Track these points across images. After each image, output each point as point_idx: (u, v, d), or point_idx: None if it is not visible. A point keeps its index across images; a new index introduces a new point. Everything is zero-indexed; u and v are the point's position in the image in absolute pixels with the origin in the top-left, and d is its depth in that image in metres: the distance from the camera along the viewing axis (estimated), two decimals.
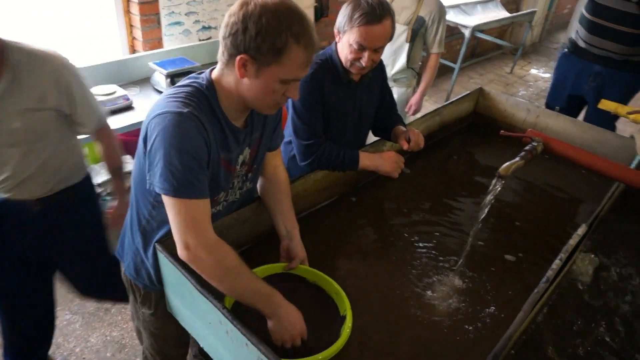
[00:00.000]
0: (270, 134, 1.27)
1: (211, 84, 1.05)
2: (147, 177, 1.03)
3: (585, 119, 2.69)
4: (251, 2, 0.95)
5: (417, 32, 2.57)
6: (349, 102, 1.59)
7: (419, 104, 2.78)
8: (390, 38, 1.46)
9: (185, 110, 0.97)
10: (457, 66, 4.76)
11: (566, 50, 2.75)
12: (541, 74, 5.94)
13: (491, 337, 1.18)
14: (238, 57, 0.96)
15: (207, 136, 1.01)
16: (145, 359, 1.47)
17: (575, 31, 2.68)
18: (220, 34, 1.00)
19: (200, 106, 1.02)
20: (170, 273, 1.16)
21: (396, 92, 2.71)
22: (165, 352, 1.42)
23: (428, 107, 2.58)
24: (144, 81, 2.56)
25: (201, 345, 1.21)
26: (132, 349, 2.09)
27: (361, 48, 1.41)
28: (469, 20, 4.77)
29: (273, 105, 1.07)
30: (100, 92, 2.21)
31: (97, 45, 2.76)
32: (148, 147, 1.00)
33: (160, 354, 1.42)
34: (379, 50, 1.45)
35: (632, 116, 1.80)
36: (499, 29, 6.07)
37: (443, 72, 5.16)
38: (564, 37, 2.62)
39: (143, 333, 1.41)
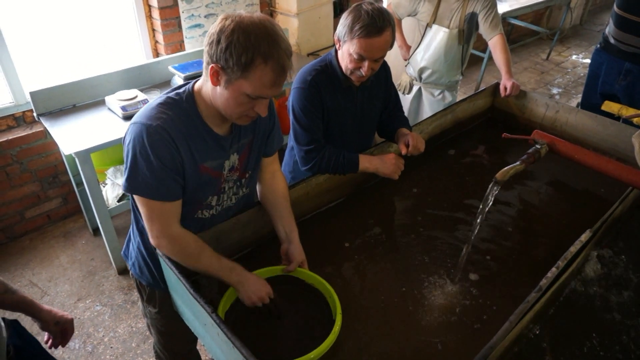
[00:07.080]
0: (262, 139, 1.30)
1: (191, 95, 1.13)
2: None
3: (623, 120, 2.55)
4: (229, 18, 1.00)
5: (472, 30, 2.38)
6: (349, 107, 1.60)
7: (515, 84, 2.16)
8: (391, 46, 1.45)
9: (155, 123, 1.06)
10: (486, 55, 4.60)
11: (599, 45, 2.62)
12: (581, 60, 5.63)
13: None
14: (210, 67, 1.02)
15: (175, 147, 1.09)
16: (155, 354, 1.57)
17: (608, 26, 2.54)
18: (204, 42, 1.06)
19: (174, 119, 1.09)
20: (170, 275, 1.23)
21: (448, 97, 2.59)
22: (173, 348, 1.52)
23: (459, 98, 2.42)
24: (165, 84, 2.67)
25: (202, 343, 1.28)
26: None
27: (361, 58, 1.42)
28: (500, 6, 4.59)
29: (242, 117, 1.11)
30: (122, 97, 2.32)
31: (123, 50, 2.88)
32: (124, 151, 1.12)
33: (168, 349, 1.51)
34: (379, 60, 1.45)
35: (636, 119, 1.70)
36: (535, 13, 5.78)
37: (474, 61, 4.99)
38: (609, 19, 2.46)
39: (152, 329, 1.50)
